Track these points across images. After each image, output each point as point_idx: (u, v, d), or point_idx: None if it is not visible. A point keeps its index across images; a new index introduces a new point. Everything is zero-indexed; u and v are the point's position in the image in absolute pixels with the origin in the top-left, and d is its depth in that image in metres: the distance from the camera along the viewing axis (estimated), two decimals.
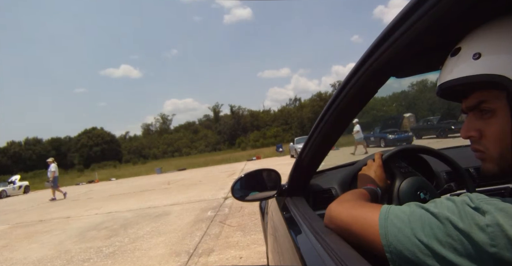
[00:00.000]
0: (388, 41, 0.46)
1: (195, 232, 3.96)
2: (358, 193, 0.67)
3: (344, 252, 0.51)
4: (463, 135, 0.45)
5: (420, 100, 27.30)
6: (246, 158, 21.66)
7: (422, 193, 0.77)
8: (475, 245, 0.33)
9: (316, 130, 0.78)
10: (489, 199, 0.35)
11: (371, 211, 0.49)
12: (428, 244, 0.37)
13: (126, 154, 50.22)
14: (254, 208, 4.51)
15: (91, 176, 27.51)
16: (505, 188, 1.07)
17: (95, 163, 42.13)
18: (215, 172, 13.73)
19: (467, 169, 1.07)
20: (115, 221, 5.48)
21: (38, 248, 4.31)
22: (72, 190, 16.64)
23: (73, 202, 9.85)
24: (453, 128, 11.41)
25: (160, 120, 58.84)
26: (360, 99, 0.65)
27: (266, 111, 54.48)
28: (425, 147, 0.93)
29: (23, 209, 9.64)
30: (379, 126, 15.17)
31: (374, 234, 0.44)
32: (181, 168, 21.79)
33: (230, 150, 40.99)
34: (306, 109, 47.06)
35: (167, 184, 11.34)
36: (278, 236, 1.01)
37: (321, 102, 44.35)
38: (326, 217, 0.62)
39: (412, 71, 0.61)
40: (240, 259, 2.85)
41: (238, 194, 1.09)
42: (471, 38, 0.41)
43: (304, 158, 0.91)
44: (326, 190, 1.04)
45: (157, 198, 7.84)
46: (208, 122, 56.32)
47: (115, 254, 3.54)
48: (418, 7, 0.39)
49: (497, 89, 0.38)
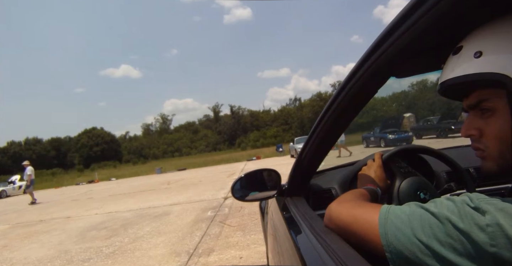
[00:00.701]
0: (388, 41, 0.46)
1: (195, 232, 3.96)
2: (358, 193, 0.67)
3: (344, 252, 0.51)
4: (463, 134, 0.45)
5: (420, 100, 27.30)
6: (246, 158, 21.67)
7: (422, 193, 0.77)
8: (475, 245, 0.33)
9: (316, 130, 0.78)
10: (489, 199, 0.35)
11: (371, 211, 0.49)
12: (428, 244, 0.37)
13: (126, 154, 50.22)
14: (254, 208, 4.51)
15: (91, 176, 27.51)
16: (505, 188, 1.06)
17: (95, 163, 42.12)
18: (215, 172, 13.73)
19: (467, 169, 1.07)
20: (115, 221, 5.48)
21: (38, 248, 4.31)
22: (72, 190, 16.65)
23: (73, 202, 9.85)
24: (453, 128, 11.40)
25: (160, 120, 58.89)
26: (360, 99, 0.64)
27: (266, 111, 54.51)
28: (425, 147, 0.93)
29: (23, 209, 9.64)
30: (379, 126, 15.16)
31: (374, 234, 0.44)
32: (181, 168, 21.79)
33: (230, 150, 41.01)
34: (306, 109, 47.06)
35: (167, 184, 11.34)
36: (278, 236, 1.01)
37: (321, 102, 44.35)
38: (326, 217, 0.62)
39: (412, 71, 0.61)
40: (240, 259, 2.85)
41: (238, 194, 1.09)
42: (472, 37, 0.41)
43: (304, 158, 0.91)
44: (326, 190, 1.04)
45: (157, 198, 7.84)
46: (208, 122, 56.31)
47: (115, 254, 3.54)
48: (418, 7, 0.39)
49: (497, 88, 0.38)
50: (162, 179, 14.72)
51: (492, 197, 0.36)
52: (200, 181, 10.80)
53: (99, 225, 5.37)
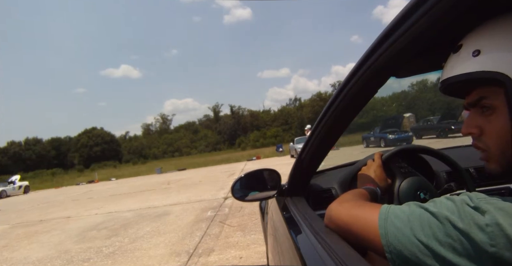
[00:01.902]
0: (388, 41, 0.46)
1: (195, 232, 3.96)
2: (358, 193, 0.67)
3: (344, 252, 0.51)
4: (463, 131, 0.45)
5: (420, 100, 27.28)
6: (246, 158, 21.67)
7: (422, 193, 0.77)
8: (475, 245, 0.33)
9: (316, 130, 0.78)
10: (488, 198, 0.35)
11: (371, 211, 0.49)
12: (427, 244, 0.37)
13: (126, 154, 50.21)
14: (254, 208, 4.51)
15: (91, 176, 27.51)
16: (505, 188, 1.07)
17: (95, 163, 42.15)
18: (215, 172, 13.73)
19: (467, 169, 1.07)
20: (115, 221, 5.48)
21: (38, 248, 4.32)
22: (72, 190, 16.65)
23: (73, 202, 9.85)
24: (453, 128, 11.38)
25: (160, 120, 58.91)
26: (360, 99, 0.64)
27: (266, 111, 54.51)
28: (425, 147, 0.93)
29: (23, 209, 9.64)
30: (379, 126, 15.15)
31: (374, 234, 0.44)
32: (181, 168, 21.79)
33: (230, 150, 41.01)
34: (306, 109, 47.08)
35: (167, 184, 11.34)
36: (278, 236, 1.01)
37: (321, 102, 44.36)
38: (326, 217, 0.62)
39: (412, 71, 0.61)
40: (240, 259, 2.85)
41: (238, 194, 1.09)
42: (471, 36, 0.42)
43: (304, 158, 0.91)
44: (326, 190, 1.04)
45: (157, 198, 7.84)
46: (208, 122, 56.31)
47: (115, 254, 3.54)
48: (418, 7, 0.39)
49: (496, 86, 0.39)
50: (162, 179, 14.72)
51: (492, 197, 0.36)
52: (200, 181, 10.80)
53: (99, 225, 5.38)
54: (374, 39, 0.50)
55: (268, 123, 48.84)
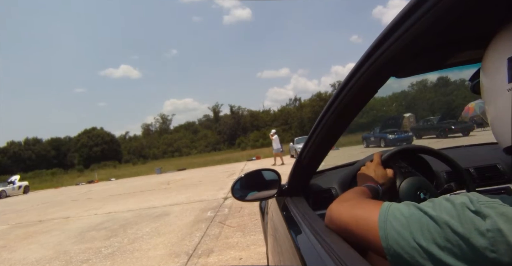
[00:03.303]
0: (388, 41, 0.46)
1: (195, 233, 3.95)
2: (359, 190, 0.67)
3: (344, 252, 0.51)
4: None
5: (420, 100, 27.33)
6: (246, 158, 21.65)
7: (422, 193, 0.77)
8: (475, 250, 0.33)
9: (316, 130, 0.78)
10: (490, 201, 0.35)
11: (371, 210, 0.48)
12: (427, 248, 0.37)
13: (126, 154, 50.18)
14: (254, 208, 4.51)
15: (90, 176, 27.49)
16: (505, 188, 1.07)
17: (95, 163, 42.08)
18: (215, 172, 13.73)
19: (467, 169, 1.07)
20: (114, 222, 5.47)
21: (37, 249, 4.31)
22: (71, 190, 16.64)
23: (72, 202, 9.84)
24: (453, 128, 11.41)
25: (160, 120, 58.83)
26: (360, 99, 0.64)
27: (266, 111, 54.46)
28: (425, 147, 0.93)
29: (23, 209, 9.63)
30: (379, 126, 15.17)
31: (374, 235, 0.44)
32: (181, 168, 21.78)
33: (230, 150, 40.98)
34: (306, 109, 47.05)
35: (166, 184, 11.34)
36: (278, 236, 1.00)
37: (321, 102, 44.33)
38: (327, 217, 0.62)
39: (412, 71, 0.61)
40: (240, 260, 2.85)
41: (238, 194, 1.09)
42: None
43: (304, 158, 0.91)
44: (326, 190, 1.04)
45: (157, 198, 7.84)
46: (208, 122, 56.30)
47: (114, 254, 3.54)
48: (418, 7, 0.39)
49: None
50: (162, 179, 14.71)
51: (493, 198, 0.35)
52: (200, 181, 10.80)
53: (98, 225, 5.37)
54: (374, 39, 0.50)
55: (268, 123, 48.81)
